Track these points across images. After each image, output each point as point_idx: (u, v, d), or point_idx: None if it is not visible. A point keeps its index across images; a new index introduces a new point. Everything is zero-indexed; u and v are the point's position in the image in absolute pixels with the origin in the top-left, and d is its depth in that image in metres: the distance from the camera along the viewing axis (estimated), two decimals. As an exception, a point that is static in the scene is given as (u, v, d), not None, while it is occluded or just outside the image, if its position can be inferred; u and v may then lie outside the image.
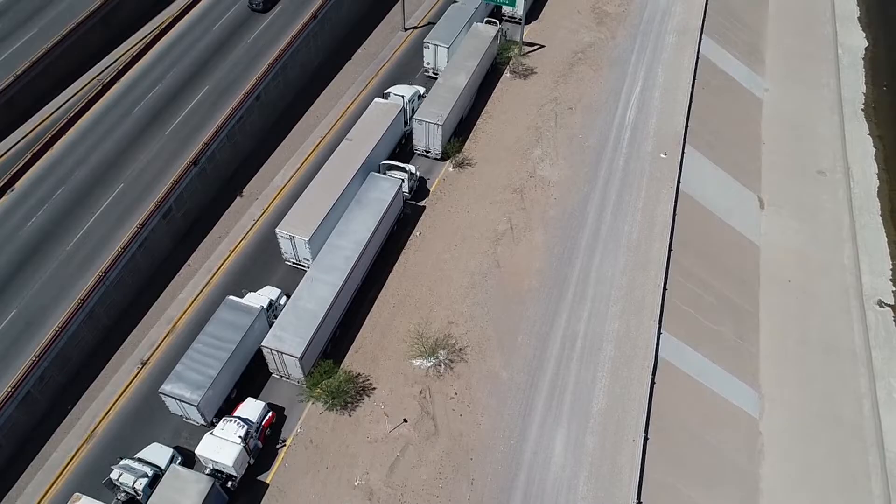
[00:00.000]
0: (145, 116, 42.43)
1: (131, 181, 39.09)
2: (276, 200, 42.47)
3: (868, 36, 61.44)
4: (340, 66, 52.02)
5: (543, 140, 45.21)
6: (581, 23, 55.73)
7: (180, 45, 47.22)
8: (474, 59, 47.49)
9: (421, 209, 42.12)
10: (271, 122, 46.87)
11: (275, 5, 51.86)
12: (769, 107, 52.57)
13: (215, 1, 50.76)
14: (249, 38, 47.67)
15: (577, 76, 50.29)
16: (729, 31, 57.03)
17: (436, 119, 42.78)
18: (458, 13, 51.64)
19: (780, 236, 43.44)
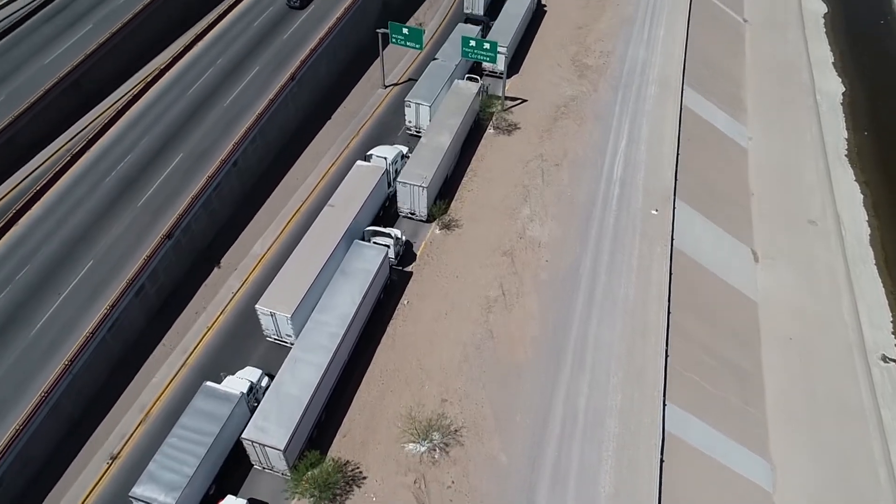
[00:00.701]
0: (117, 187, 40.54)
1: (101, 257, 36.94)
2: (255, 271, 40.55)
3: (844, 81, 62.22)
4: (320, 125, 50.88)
5: (531, 198, 44.11)
6: (562, 76, 55.50)
7: (154, 109, 45.68)
8: (457, 117, 46.65)
9: (408, 275, 40.46)
10: (250, 186, 45.25)
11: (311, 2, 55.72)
12: (754, 156, 52.35)
13: (190, 63, 49.56)
14: (226, 102, 46.35)
15: (561, 131, 49.66)
16: (709, 81, 57.24)
17: (420, 181, 41.53)
18: (438, 70, 51.02)
19: (776, 291, 42.44)
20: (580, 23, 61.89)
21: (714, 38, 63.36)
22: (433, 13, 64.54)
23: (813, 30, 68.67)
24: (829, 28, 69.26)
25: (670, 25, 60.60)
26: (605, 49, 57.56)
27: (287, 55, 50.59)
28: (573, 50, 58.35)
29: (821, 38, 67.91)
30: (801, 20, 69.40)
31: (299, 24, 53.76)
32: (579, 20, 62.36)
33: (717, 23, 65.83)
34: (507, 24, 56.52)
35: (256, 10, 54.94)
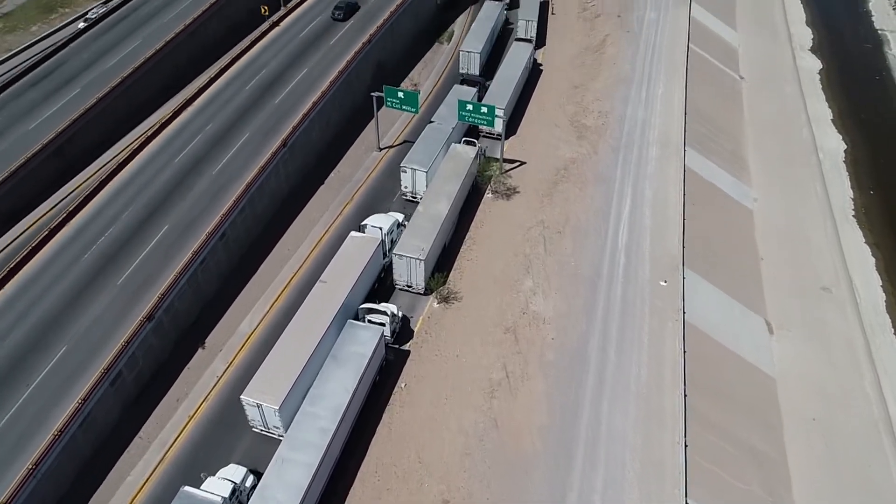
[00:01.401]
0: (95, 264, 38.26)
1: (75, 343, 34.38)
2: (242, 351, 38.06)
3: (845, 139, 61.35)
4: (313, 191, 49.15)
5: (533, 269, 42.09)
6: (561, 137, 54.33)
7: (139, 179, 43.82)
8: (455, 184, 45.03)
9: (405, 354, 38.02)
10: (237, 258, 43.10)
11: (354, 14, 61.38)
12: (761, 218, 50.81)
13: (178, 129, 48.02)
14: (214, 170, 44.60)
15: (562, 195, 48.07)
16: (709, 140, 56.19)
17: (417, 253, 39.51)
18: (434, 133, 49.69)
19: (794, 365, 40.15)
20: (577, 82, 61.22)
21: (712, 95, 62.76)
22: (428, 73, 63.86)
23: (809, 86, 68.30)
24: (826, 84, 68.94)
25: (668, 84, 59.94)
26: (603, 109, 56.61)
27: (279, 119, 49.21)
28: (571, 110, 57.39)
29: (818, 94, 67.45)
30: (796, 77, 69.13)
31: (293, 86, 52.60)
32: (576, 79, 61.72)
33: (713, 80, 65.39)
34: (504, 85, 55.64)
35: (249, 72, 53.87)
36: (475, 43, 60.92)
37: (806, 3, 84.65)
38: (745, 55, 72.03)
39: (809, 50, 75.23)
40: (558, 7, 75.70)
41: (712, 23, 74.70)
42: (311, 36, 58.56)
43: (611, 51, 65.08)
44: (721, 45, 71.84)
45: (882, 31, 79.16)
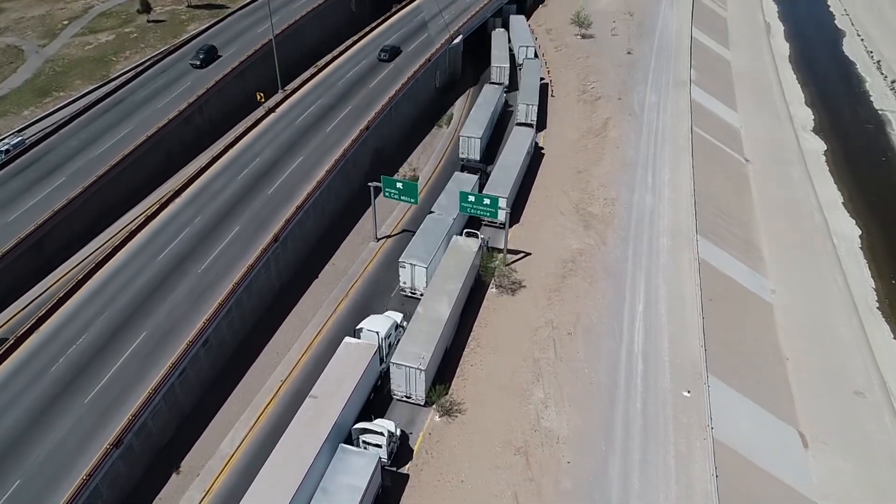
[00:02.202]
0: (62, 377, 34.75)
1: (30, 477, 30.42)
2: (221, 476, 34.05)
3: (859, 223, 59.38)
4: (305, 287, 46.25)
5: (544, 376, 38.66)
6: (566, 225, 52.02)
7: (117, 279, 40.80)
8: (457, 281, 42.21)
9: (404, 479, 34.06)
10: (221, 365, 39.67)
11: (397, 56, 67.52)
12: (781, 312, 47.85)
13: (164, 223, 45.46)
14: (200, 268, 41.73)
15: (571, 291, 45.20)
16: (721, 228, 53.98)
17: (417, 363, 36.19)
18: (435, 225, 47.32)
19: (834, 486, 36.18)
20: (580, 167, 59.59)
21: (719, 180, 61.14)
22: (427, 158, 62.35)
23: (816, 168, 67.04)
24: (832, 166, 67.71)
25: (674, 168, 58.34)
26: (609, 196, 54.64)
27: (272, 211, 46.84)
28: (576, 196, 55.40)
29: (825, 176, 66.08)
30: (802, 158, 67.97)
31: (287, 175, 50.56)
32: (579, 164, 60.13)
33: (719, 163, 64.02)
34: (506, 172, 53.85)
35: (242, 161, 51.99)
36: (475, 128, 59.67)
37: (803, 84, 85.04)
38: (748, 136, 71.14)
39: (812, 131, 74.62)
40: (557, 89, 75.43)
41: (712, 104, 74.29)
42: (308, 123, 57.20)
43: (613, 134, 63.92)
44: (723, 127, 71.05)
45: (882, 112, 78.98)
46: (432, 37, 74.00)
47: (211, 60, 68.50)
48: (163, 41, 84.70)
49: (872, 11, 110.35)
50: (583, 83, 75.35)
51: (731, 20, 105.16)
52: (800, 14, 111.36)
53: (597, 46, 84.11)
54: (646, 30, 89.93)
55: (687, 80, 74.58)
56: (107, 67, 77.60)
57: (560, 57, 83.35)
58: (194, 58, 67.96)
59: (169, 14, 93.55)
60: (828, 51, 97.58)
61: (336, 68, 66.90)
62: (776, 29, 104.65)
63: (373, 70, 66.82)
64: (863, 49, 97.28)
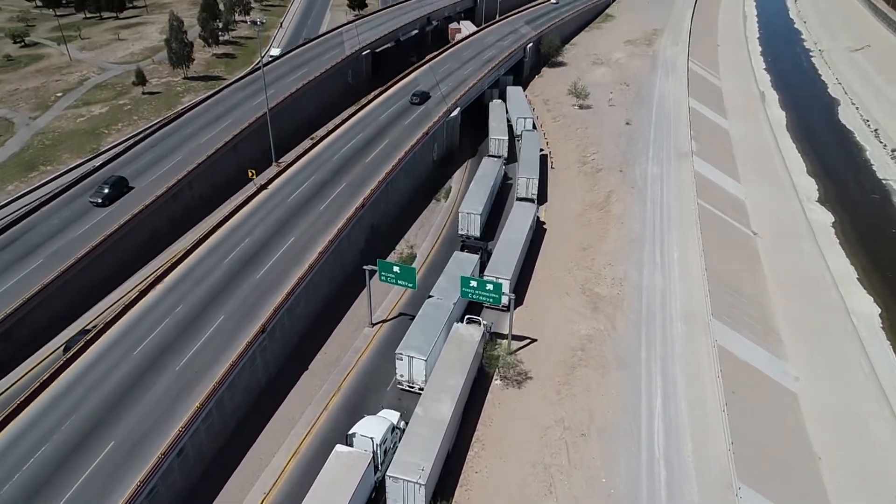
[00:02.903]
0: (13, 500, 30.69)
1: None
2: None
3: (877, 301, 56.69)
4: (294, 380, 42.75)
5: (556, 487, 34.80)
6: (573, 308, 49.10)
7: (88, 378, 37.22)
8: (459, 376, 38.86)
9: None
10: (197, 476, 35.66)
11: (427, 101, 72.70)
12: (808, 403, 44.34)
13: (142, 312, 42.17)
14: (178, 365, 38.24)
15: (581, 383, 41.80)
16: (736, 309, 51.08)
17: (416, 476, 32.41)
18: (434, 311, 44.31)
19: None
20: (584, 243, 57.24)
21: (728, 255, 58.70)
22: (425, 234, 59.98)
23: (826, 241, 64.89)
24: (843, 239, 65.67)
25: (682, 245, 56.02)
26: (616, 275, 52.00)
27: (260, 297, 43.78)
28: (581, 276, 52.73)
29: (836, 250, 63.88)
30: (810, 231, 65.91)
31: (278, 257, 47.78)
32: (583, 240, 57.81)
33: (727, 238, 61.79)
34: (508, 251, 51.35)
35: (229, 242, 49.27)
36: (475, 203, 57.61)
37: (804, 154, 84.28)
38: (754, 208, 69.29)
39: (817, 201, 73.04)
40: (557, 160, 74.17)
41: (715, 175, 72.88)
42: (301, 200, 54.99)
43: (617, 208, 61.96)
44: (728, 199, 69.31)
45: (886, 181, 77.83)
46: (430, 109, 73.12)
47: (118, 196, 55.04)
48: (157, 113, 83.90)
49: (864, 80, 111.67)
50: (583, 154, 74.19)
51: (726, 89, 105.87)
52: (793, 83, 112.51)
53: (595, 117, 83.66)
54: (643, 100, 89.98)
55: (688, 152, 73.47)
56: (98, 140, 76.20)
57: (558, 128, 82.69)
58: (95, 194, 54.43)
59: (165, 86, 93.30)
60: (824, 119, 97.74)
61: (332, 142, 65.42)
62: (771, 98, 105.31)
63: (369, 144, 65.38)
64: (859, 117, 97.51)
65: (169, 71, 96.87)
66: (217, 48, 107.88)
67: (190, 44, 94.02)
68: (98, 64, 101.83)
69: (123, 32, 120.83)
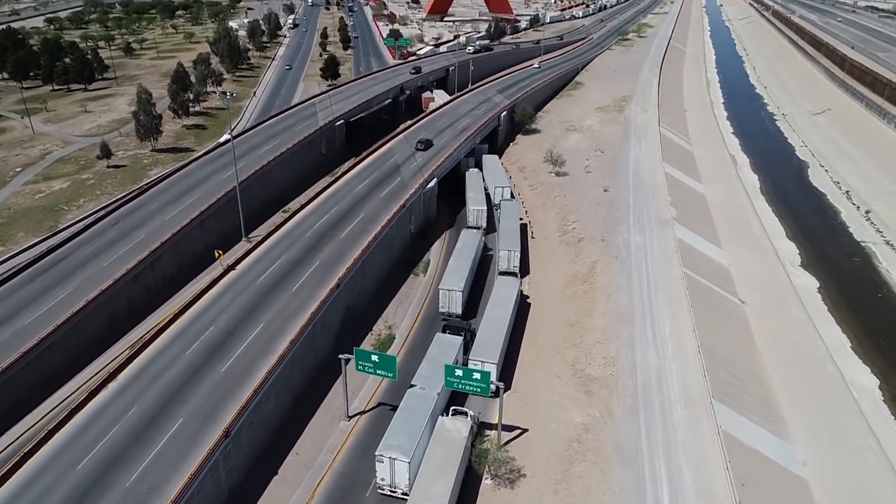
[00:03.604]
0: None
1: None
2: None
3: (874, 371, 54.78)
4: (262, 488, 38.29)
5: None
6: (565, 393, 45.92)
7: (24, 497, 32.51)
8: (446, 480, 35.17)
9: None
10: None
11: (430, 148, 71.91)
12: (820, 492, 41.23)
13: (93, 414, 37.72)
14: (128, 480, 33.67)
15: (580, 481, 38.20)
16: (735, 388, 48.46)
17: None
18: (417, 403, 40.73)
19: None
20: (572, 319, 54.63)
21: (719, 327, 56.62)
22: (404, 312, 56.84)
23: (814, 308, 63.48)
24: (830, 305, 64.36)
25: (673, 319, 53.77)
26: (608, 354, 49.24)
27: (224, 395, 39.71)
28: (571, 355, 49.85)
29: (826, 317, 62.39)
30: (798, 298, 64.55)
31: (245, 347, 43.95)
32: (570, 315, 55.22)
33: (716, 308, 59.91)
34: (493, 331, 48.45)
35: (192, 331, 45.39)
36: (455, 280, 54.99)
37: (781, 217, 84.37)
38: (738, 275, 67.94)
39: (800, 266, 72.25)
40: (538, 230, 72.52)
41: (697, 241, 71.84)
42: (272, 281, 51.68)
43: (602, 280, 59.86)
44: (712, 267, 67.97)
45: (865, 243, 77.77)
46: (406, 181, 71.43)
47: None
48: (122, 187, 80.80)
49: (829, 142, 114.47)
50: (563, 223, 72.72)
51: (698, 154, 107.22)
52: (761, 147, 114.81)
53: (573, 184, 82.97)
54: (619, 166, 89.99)
55: (668, 219, 72.54)
56: (56, 217, 72.47)
57: (536, 196, 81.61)
58: None
59: (131, 159, 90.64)
60: (796, 182, 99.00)
61: (304, 217, 62.79)
62: (742, 161, 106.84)
63: (344, 218, 62.92)
64: (829, 179, 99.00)
65: (136, 143, 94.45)
66: (187, 119, 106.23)
67: (158, 116, 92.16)
68: (62, 137, 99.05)
69: (91, 104, 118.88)
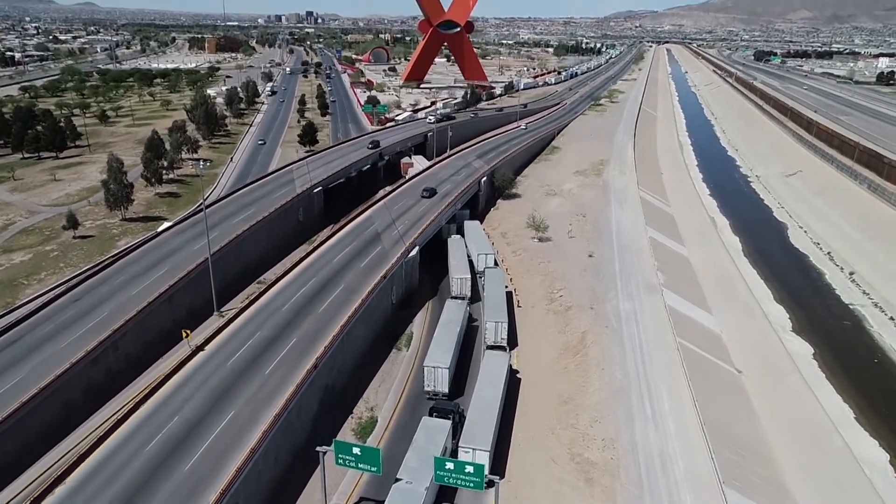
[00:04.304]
0: None
1: None
2: None
3: (882, 444, 52.26)
4: None
5: None
6: (564, 480, 42.34)
7: None
8: None
9: None
10: None
11: None
12: (846, 588, 37.80)
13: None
14: None
15: (587, 587, 34.21)
16: (743, 470, 45.42)
17: None
18: (404, 500, 36.73)
19: None
20: (565, 395, 51.52)
21: (719, 400, 53.94)
22: (386, 391, 53.24)
23: (812, 376, 61.41)
24: (828, 372, 62.35)
25: (672, 394, 51.06)
26: (606, 434, 46.04)
27: (188, 497, 35.36)
28: (567, 437, 46.50)
29: (824, 385, 60.25)
30: (794, 365, 62.53)
31: (212, 440, 39.80)
32: (563, 391, 52.14)
33: (713, 379, 57.43)
34: (484, 413, 45.11)
35: (154, 422, 41.00)
36: (441, 356, 51.86)
37: (767, 280, 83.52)
38: (732, 342, 65.91)
39: (792, 331, 70.64)
40: (524, 298, 70.18)
41: (687, 308, 70.04)
42: (244, 362, 47.94)
43: (594, 351, 57.20)
44: (704, 334, 65.92)
45: (853, 306, 76.86)
46: (387, 249, 69.08)
47: None
48: (88, 259, 76.92)
49: (805, 203, 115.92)
50: (549, 291, 70.54)
51: (678, 216, 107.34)
52: (739, 208, 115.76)
53: (557, 250, 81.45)
54: (602, 230, 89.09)
55: (656, 284, 70.93)
56: (14, 293, 68.05)
57: (520, 262, 79.75)
58: None
59: (99, 228, 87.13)
60: (777, 243, 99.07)
61: (281, 290, 59.62)
62: (722, 223, 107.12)
63: (322, 290, 59.89)
64: (809, 240, 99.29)
65: (106, 213, 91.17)
66: (160, 187, 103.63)
67: (130, 184, 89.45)
68: (28, 206, 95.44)
69: (61, 173, 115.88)
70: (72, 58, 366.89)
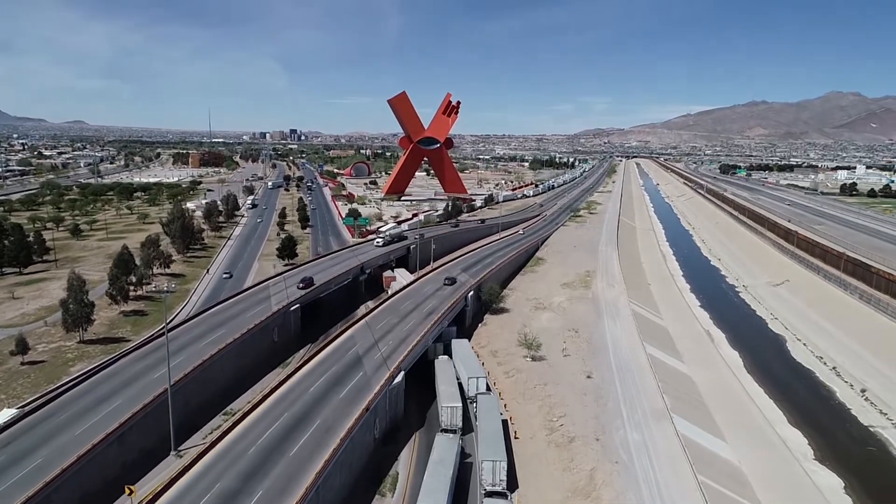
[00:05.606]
0: None
1: None
2: None
3: None
4: None
5: None
6: None
7: None
8: None
9: None
10: None
11: None
12: None
13: None
14: None
15: None
16: None
17: None
18: None
19: None
20: (578, 552, 43.90)
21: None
22: None
23: None
24: None
25: None
26: None
27: None
28: None
29: (865, 527, 53.27)
30: (826, 501, 55.72)
31: None
32: (575, 547, 44.53)
33: None
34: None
35: None
36: None
37: (777, 400, 78.00)
38: (754, 476, 59.18)
39: (815, 460, 64.23)
40: (521, 428, 63.37)
41: (699, 436, 63.78)
42: (199, 522, 40.18)
43: (607, 495, 50.17)
44: (724, 467, 59.28)
45: (874, 429, 71.23)
46: (369, 376, 62.76)
47: None
48: (34, 389, 68.79)
49: (797, 315, 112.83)
50: (548, 419, 64.02)
51: (672, 330, 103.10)
52: (732, 320, 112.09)
53: (552, 370, 75.68)
54: (596, 347, 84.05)
55: (664, 409, 65.06)
56: (-61, 433, 59.25)
57: (513, 385, 73.52)
58: None
59: (53, 352, 79.46)
60: (779, 358, 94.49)
61: (248, 428, 52.38)
62: (718, 337, 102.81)
63: (296, 427, 52.80)
64: (811, 355, 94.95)
65: (62, 334, 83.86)
66: (127, 305, 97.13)
67: (91, 303, 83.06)
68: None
69: (22, 290, 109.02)
70: (53, 172, 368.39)
